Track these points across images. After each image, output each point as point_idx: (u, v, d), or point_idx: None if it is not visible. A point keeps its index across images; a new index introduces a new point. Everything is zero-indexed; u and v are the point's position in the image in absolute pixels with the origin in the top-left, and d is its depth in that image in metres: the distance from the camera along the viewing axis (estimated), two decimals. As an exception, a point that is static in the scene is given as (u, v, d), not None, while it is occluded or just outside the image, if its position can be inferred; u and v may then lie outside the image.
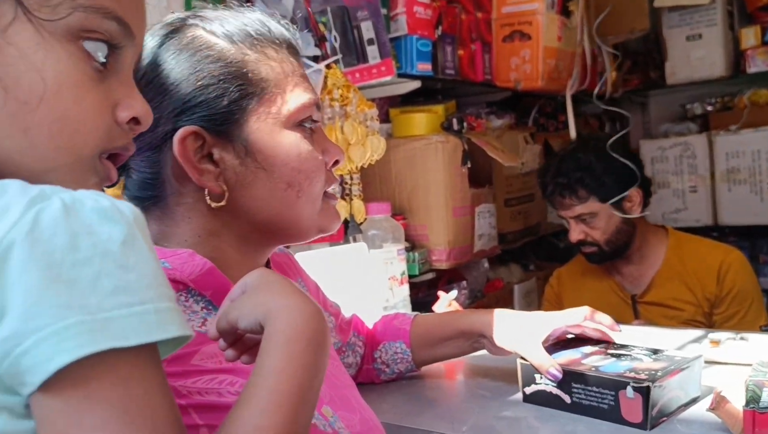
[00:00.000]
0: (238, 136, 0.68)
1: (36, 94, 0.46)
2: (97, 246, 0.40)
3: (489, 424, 0.87)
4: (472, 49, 1.95)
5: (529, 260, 2.29)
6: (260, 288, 0.55)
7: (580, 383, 0.88)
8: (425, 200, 1.72)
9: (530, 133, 2.14)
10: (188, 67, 0.67)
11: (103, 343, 0.39)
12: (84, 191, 0.43)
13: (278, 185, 0.70)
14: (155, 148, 0.69)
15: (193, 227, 0.70)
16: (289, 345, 0.50)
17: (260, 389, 0.48)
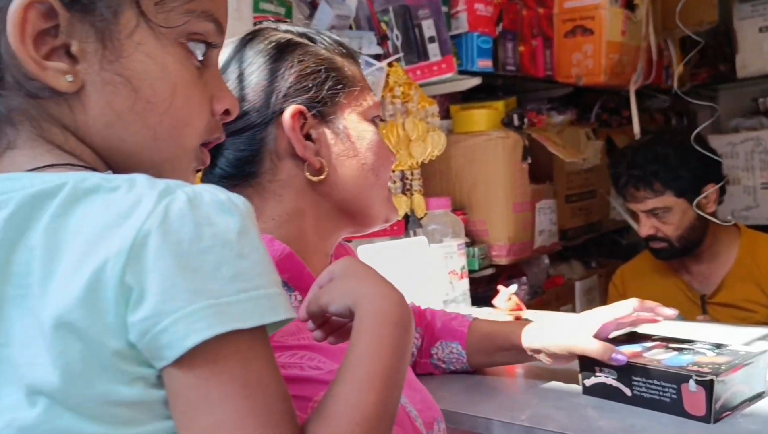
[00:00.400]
0: (335, 120, 0.78)
1: (160, 93, 0.51)
2: (217, 236, 0.44)
3: (547, 414, 0.88)
4: (533, 44, 1.95)
5: (591, 257, 2.26)
6: (349, 275, 0.60)
7: (641, 376, 0.88)
8: (485, 196, 1.73)
9: (592, 128, 2.12)
10: (291, 59, 0.77)
11: (228, 325, 0.43)
12: (201, 185, 0.47)
13: (363, 167, 0.79)
14: (259, 126, 0.76)
15: (282, 205, 0.77)
16: (379, 329, 0.54)
17: (355, 370, 0.51)
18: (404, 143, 1.42)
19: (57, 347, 0.43)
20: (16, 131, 0.50)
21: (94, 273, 0.43)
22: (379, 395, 0.50)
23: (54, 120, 0.50)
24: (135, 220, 0.43)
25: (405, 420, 0.71)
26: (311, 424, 0.48)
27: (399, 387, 0.53)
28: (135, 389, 0.45)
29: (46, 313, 0.43)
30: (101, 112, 0.50)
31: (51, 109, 0.50)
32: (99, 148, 0.52)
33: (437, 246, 1.46)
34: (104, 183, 0.45)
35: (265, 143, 0.76)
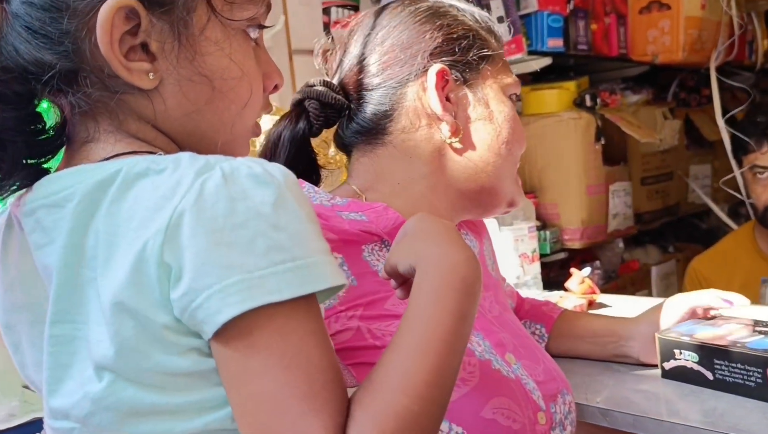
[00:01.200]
0: (476, 85, 0.78)
1: (231, 82, 0.54)
2: (251, 209, 0.45)
3: (624, 396, 0.86)
4: (606, 22, 1.89)
5: (668, 241, 2.19)
6: (416, 233, 0.58)
7: (723, 359, 0.85)
8: (557, 178, 1.70)
9: (669, 108, 2.04)
10: (441, 21, 0.78)
11: (260, 299, 0.43)
12: (241, 159, 0.47)
13: (498, 138, 0.79)
14: (402, 81, 0.77)
15: (411, 168, 0.78)
16: (437, 292, 0.52)
17: (408, 335, 0.49)
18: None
19: (113, 325, 0.45)
20: (96, 124, 0.52)
21: (138, 254, 0.44)
22: (433, 362, 0.48)
23: (132, 112, 0.52)
24: (174, 201, 0.45)
25: (520, 393, 0.70)
26: (359, 391, 0.47)
27: (459, 353, 0.51)
28: (188, 359, 0.46)
29: (105, 294, 0.46)
30: (178, 104, 0.53)
31: (130, 102, 0.52)
32: (175, 134, 0.54)
33: (508, 229, 1.44)
34: (153, 165, 0.47)
35: (405, 100, 0.77)
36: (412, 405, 0.45)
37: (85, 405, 0.47)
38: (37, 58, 0.50)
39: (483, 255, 0.90)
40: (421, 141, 0.77)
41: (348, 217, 0.72)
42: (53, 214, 0.49)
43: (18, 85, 0.51)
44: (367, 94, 0.78)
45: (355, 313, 0.68)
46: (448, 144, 0.77)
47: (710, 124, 2.12)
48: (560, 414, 0.74)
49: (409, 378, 0.47)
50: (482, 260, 0.89)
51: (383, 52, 0.77)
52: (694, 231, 2.31)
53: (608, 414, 0.84)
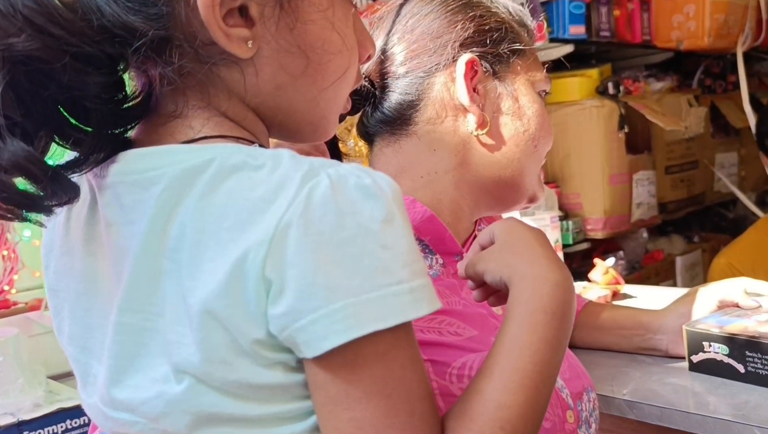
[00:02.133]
0: (506, 78, 0.76)
1: (331, 53, 0.50)
2: (360, 225, 0.42)
3: (652, 388, 0.84)
4: (629, 8, 1.86)
5: (694, 231, 2.15)
6: (509, 244, 0.56)
7: (756, 351, 0.82)
8: (579, 167, 1.68)
9: (695, 95, 2.01)
10: (473, 12, 0.76)
11: (367, 326, 0.41)
12: (346, 166, 0.44)
13: (525, 133, 0.77)
14: (430, 70, 0.75)
15: (435, 161, 0.76)
16: (533, 318, 0.50)
17: (503, 365, 0.48)
18: (494, 114, 1.39)
19: (201, 332, 0.43)
20: (185, 99, 0.49)
21: (236, 263, 0.42)
22: (528, 394, 0.47)
23: (223, 85, 0.49)
24: (277, 208, 0.42)
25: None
26: (453, 420, 0.46)
27: (551, 384, 0.50)
28: (274, 372, 0.44)
29: (194, 298, 0.43)
30: (273, 76, 0.49)
31: (222, 73, 0.48)
32: (265, 109, 0.51)
33: (530, 219, 1.42)
34: (250, 160, 0.44)
35: (432, 89, 0.75)
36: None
37: (159, 405, 0.46)
38: (125, 22, 0.45)
39: None
40: (446, 133, 0.75)
41: None
42: (135, 193, 0.46)
43: (108, 47, 0.46)
44: (393, 83, 0.76)
45: None
46: (474, 136, 0.75)
47: (737, 111, 2.08)
48: (586, 412, 0.73)
49: (505, 411, 0.46)
50: None
51: (412, 41, 0.75)
52: (720, 220, 2.27)
53: (635, 407, 0.82)
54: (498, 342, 0.50)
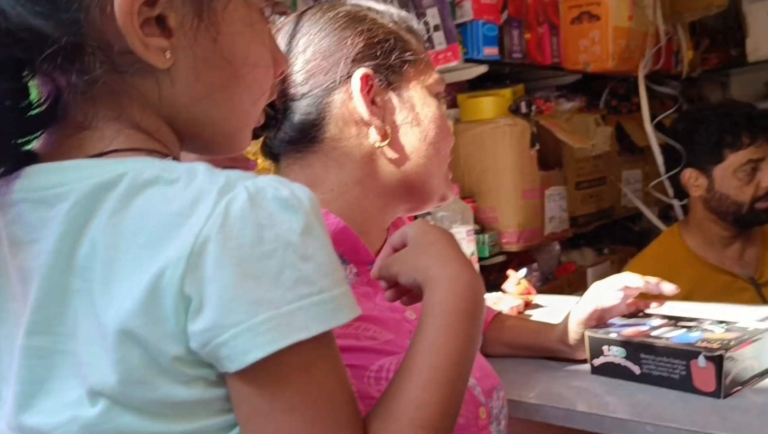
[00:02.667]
0: (401, 88, 0.78)
1: (250, 65, 0.51)
2: (279, 237, 0.42)
3: (557, 392, 0.88)
4: (540, 32, 1.95)
5: (603, 244, 2.26)
6: (422, 247, 0.58)
7: (649, 354, 0.88)
8: (494, 183, 1.74)
9: (601, 115, 2.12)
10: (360, 27, 0.77)
11: (290, 337, 0.41)
12: (264, 177, 0.44)
13: (426, 139, 0.79)
14: (327, 89, 0.77)
15: (343, 175, 0.77)
16: (448, 317, 0.52)
17: (422, 365, 0.49)
18: (411, 131, 1.42)
19: (117, 352, 0.42)
20: (95, 109, 0.47)
21: (153, 281, 0.41)
22: (445, 392, 0.48)
23: (137, 95, 0.47)
24: (194, 223, 0.41)
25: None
26: (375, 421, 0.47)
27: (466, 380, 0.52)
28: (194, 389, 0.44)
29: (108, 317, 0.42)
30: (190, 87, 0.48)
31: (136, 83, 0.47)
32: (180, 121, 0.50)
33: (446, 233, 1.46)
34: (164, 174, 0.43)
35: (332, 107, 0.76)
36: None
37: (72, 430, 0.44)
38: (33, 27, 0.43)
39: None
40: (351, 147, 0.77)
41: None
42: (40, 210, 0.44)
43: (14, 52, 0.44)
44: (293, 104, 0.77)
45: None
46: (378, 148, 0.77)
47: (640, 131, 2.20)
48: (496, 409, 0.76)
49: (425, 409, 0.47)
50: None
51: (306, 61, 0.76)
52: (627, 233, 2.39)
53: (540, 409, 0.86)
54: (415, 343, 0.51)
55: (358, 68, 0.75)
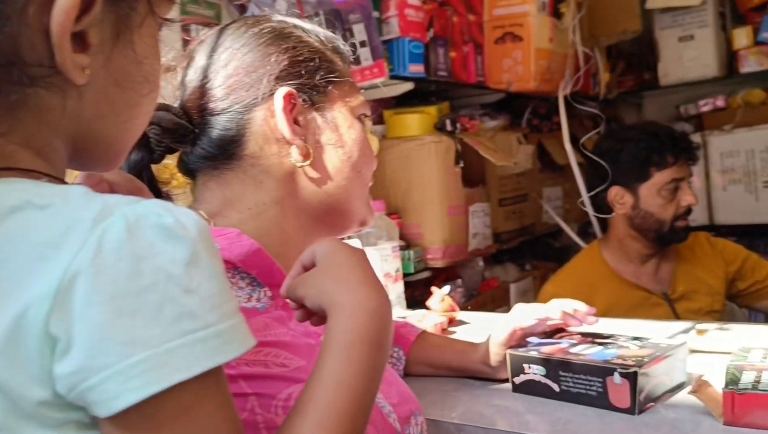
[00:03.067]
0: (324, 108, 0.77)
1: (151, 84, 0.49)
2: (160, 269, 0.39)
3: (478, 411, 0.88)
4: (465, 51, 1.98)
5: (525, 259, 2.31)
6: (329, 269, 0.56)
7: (567, 371, 0.89)
8: (420, 199, 1.74)
9: (524, 133, 2.17)
10: (285, 44, 0.76)
11: (168, 379, 0.39)
12: (146, 203, 0.42)
13: (348, 161, 0.78)
14: (248, 106, 0.74)
15: (261, 194, 0.75)
16: (350, 349, 0.50)
17: (319, 401, 0.47)
18: (336, 147, 1.41)
19: None
20: None
21: (14, 320, 0.38)
22: (343, 429, 0.47)
23: (36, 109, 0.44)
24: (64, 255, 0.38)
25: (378, 417, 0.69)
26: None
27: (367, 414, 0.50)
28: (65, 433, 0.41)
29: None
30: (97, 104, 0.46)
31: (40, 97, 0.44)
32: (77, 136, 0.47)
33: (372, 249, 1.45)
34: (34, 198, 0.40)
35: (252, 124, 0.74)
36: None
37: None
38: None
39: None
40: (271, 166, 0.75)
41: None
42: None
43: None
44: (212, 119, 0.75)
45: None
46: (299, 168, 0.75)
47: (560, 150, 2.27)
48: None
49: None
50: None
51: (227, 75, 0.75)
52: (548, 249, 2.45)
53: (462, 429, 0.86)
54: (314, 376, 0.49)
55: (281, 86, 0.74)
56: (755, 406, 0.75)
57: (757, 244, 2.79)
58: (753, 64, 2.56)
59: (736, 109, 2.66)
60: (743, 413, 0.75)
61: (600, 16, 2.45)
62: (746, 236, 2.79)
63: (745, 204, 2.59)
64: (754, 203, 2.57)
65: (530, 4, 1.99)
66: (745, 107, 2.64)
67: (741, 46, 2.58)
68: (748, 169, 2.58)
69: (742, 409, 0.75)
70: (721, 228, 2.77)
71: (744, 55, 2.58)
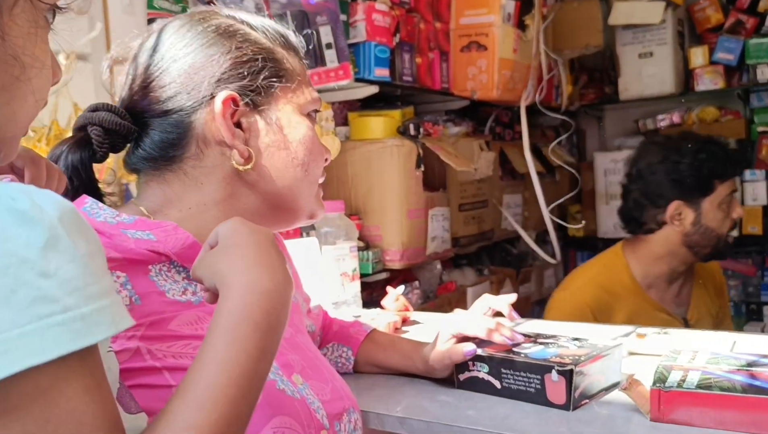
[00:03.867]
0: (267, 111, 0.77)
1: (35, 69, 0.49)
2: (13, 253, 0.39)
3: (421, 405, 0.91)
4: (430, 57, 2.02)
5: (483, 264, 2.35)
6: (226, 249, 0.55)
7: (509, 369, 0.93)
8: (380, 201, 1.77)
9: (486, 141, 2.21)
10: (229, 44, 0.75)
11: (19, 363, 0.38)
12: (3, 187, 0.41)
13: (293, 161, 0.78)
14: (189, 109, 0.74)
15: (202, 194, 0.76)
16: (235, 330, 0.49)
17: (198, 381, 0.47)
18: (298, 146, 1.43)
19: None
20: None
21: None
22: (223, 412, 0.45)
23: None
24: None
25: (304, 412, 0.71)
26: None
27: (253, 397, 0.49)
28: None
29: None
30: None
31: None
32: None
33: (330, 248, 1.47)
34: None
35: (193, 127, 0.74)
36: None
37: None
38: None
39: None
40: (212, 168, 0.75)
41: (134, 236, 0.70)
42: None
43: None
44: (154, 121, 0.75)
45: (136, 333, 0.65)
46: (240, 171, 0.75)
47: (521, 158, 2.32)
48: (344, 432, 0.77)
49: (193, 432, 0.44)
50: None
51: (170, 79, 0.74)
52: (506, 255, 2.50)
53: (405, 422, 0.88)
54: (197, 358, 0.48)
55: (222, 89, 0.74)
56: (680, 403, 0.79)
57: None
58: (708, 82, 2.66)
59: (691, 125, 2.76)
60: (669, 410, 0.79)
61: (564, 30, 2.52)
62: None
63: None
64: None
65: (495, 15, 2.04)
66: (699, 124, 2.74)
67: (697, 65, 2.68)
68: (700, 184, 2.66)
69: (667, 406, 0.79)
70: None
71: (700, 73, 2.68)
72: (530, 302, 2.48)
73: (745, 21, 2.64)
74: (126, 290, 0.66)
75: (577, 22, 2.52)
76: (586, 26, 2.54)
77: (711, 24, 2.74)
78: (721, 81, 2.64)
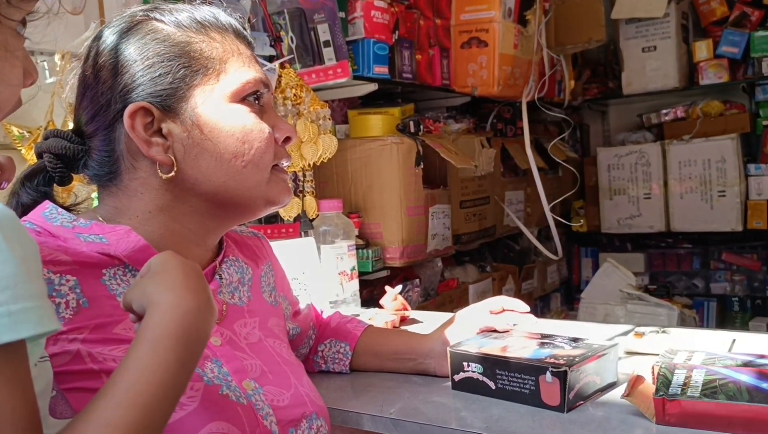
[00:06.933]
0: (184, 110, 0.74)
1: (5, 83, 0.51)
2: None
3: (415, 407, 0.91)
4: (431, 54, 2.01)
5: (485, 261, 2.34)
6: (154, 276, 0.59)
7: (503, 369, 0.92)
8: (380, 199, 1.77)
9: (487, 137, 2.20)
10: (135, 50, 0.73)
11: None
12: None
13: (224, 155, 0.75)
14: (109, 126, 0.74)
15: (145, 202, 0.76)
16: (156, 343, 0.53)
17: (119, 384, 0.50)
18: (296, 145, 1.43)
19: None
20: None
21: None
22: (140, 414, 0.49)
23: None
24: None
25: (248, 418, 0.71)
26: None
27: (170, 404, 0.52)
28: None
29: None
30: None
31: None
32: None
33: (328, 247, 1.47)
34: None
35: (118, 143, 0.74)
36: None
37: None
38: None
39: (258, 282, 0.90)
40: (146, 179, 0.75)
41: (87, 240, 0.71)
42: None
43: None
44: (89, 141, 0.76)
45: (78, 336, 0.66)
46: (174, 175, 0.74)
47: (523, 154, 2.31)
48: None
49: (111, 428, 0.47)
50: (256, 287, 0.89)
51: (91, 97, 0.74)
52: (508, 252, 2.49)
53: (399, 424, 0.88)
54: (122, 362, 0.52)
55: (132, 99, 0.72)
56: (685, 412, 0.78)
57: (712, 252, 2.88)
58: (712, 76, 2.64)
59: (695, 119, 2.74)
60: (673, 417, 0.78)
61: (566, 25, 2.50)
62: (700, 243, 2.87)
63: (700, 212, 2.66)
64: (709, 211, 2.64)
65: (496, 11, 2.03)
66: (704, 118, 2.72)
67: (701, 59, 2.66)
68: (704, 179, 2.65)
69: (672, 413, 0.78)
70: (677, 235, 2.85)
71: (704, 67, 2.66)
72: (533, 299, 2.47)
73: (750, 13, 2.62)
74: (74, 293, 0.67)
75: (579, 16, 2.50)
76: (589, 20, 2.52)
77: (716, 17, 2.71)
78: (726, 74, 2.62)
